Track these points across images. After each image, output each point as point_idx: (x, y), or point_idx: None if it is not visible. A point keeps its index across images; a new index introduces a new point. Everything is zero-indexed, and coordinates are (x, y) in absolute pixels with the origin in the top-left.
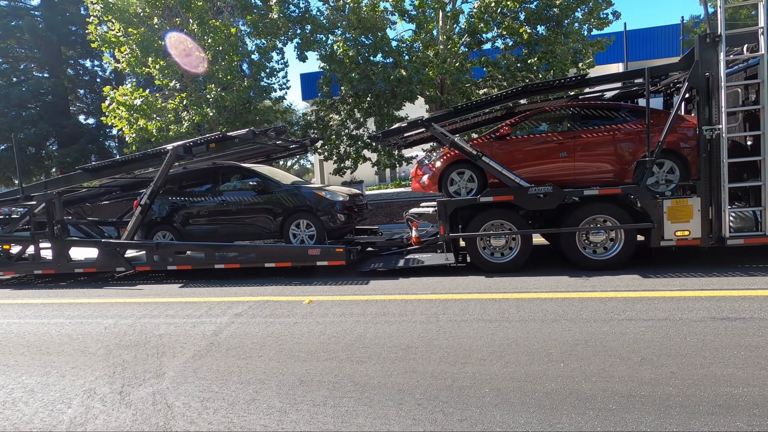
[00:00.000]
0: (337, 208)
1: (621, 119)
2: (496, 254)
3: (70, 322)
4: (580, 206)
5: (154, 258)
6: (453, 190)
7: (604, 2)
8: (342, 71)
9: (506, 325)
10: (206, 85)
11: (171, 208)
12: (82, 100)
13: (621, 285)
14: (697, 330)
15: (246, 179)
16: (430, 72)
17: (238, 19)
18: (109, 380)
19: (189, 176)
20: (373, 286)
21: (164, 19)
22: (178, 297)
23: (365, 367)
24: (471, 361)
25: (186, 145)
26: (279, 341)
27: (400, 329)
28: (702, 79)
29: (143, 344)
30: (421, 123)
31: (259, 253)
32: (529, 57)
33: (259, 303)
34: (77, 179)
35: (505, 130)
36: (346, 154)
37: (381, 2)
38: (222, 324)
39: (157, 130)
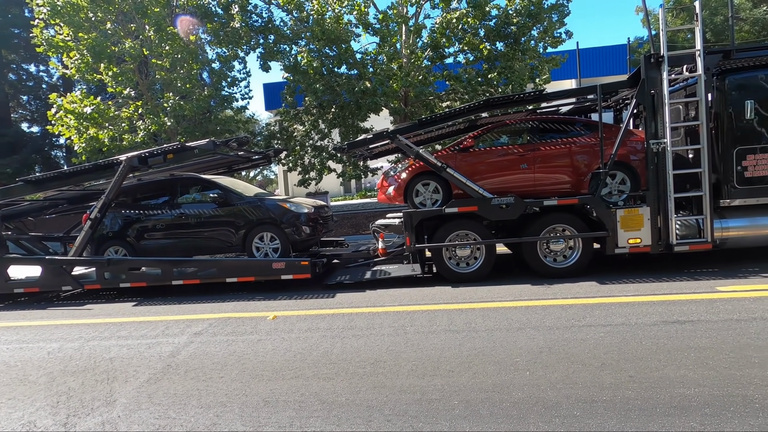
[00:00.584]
0: (302, 220)
1: (576, 133)
2: (462, 264)
3: (7, 348)
4: (541, 216)
5: (105, 275)
6: (418, 201)
7: (557, 22)
8: (306, 82)
9: (473, 336)
10: (163, 93)
11: (124, 222)
12: (25, 107)
13: (580, 292)
14: (651, 334)
15: (206, 191)
16: (394, 84)
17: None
18: (52, 411)
19: (145, 188)
20: (340, 299)
21: (118, 24)
22: (131, 316)
23: (332, 384)
24: (439, 373)
25: (141, 155)
26: (242, 360)
27: (367, 343)
28: (648, 96)
29: (92, 369)
30: (386, 135)
31: (220, 268)
32: (489, 72)
33: (220, 320)
34: (18, 192)
35: (469, 142)
36: (310, 165)
37: (345, 15)
38: (180, 344)
39: (110, 139)
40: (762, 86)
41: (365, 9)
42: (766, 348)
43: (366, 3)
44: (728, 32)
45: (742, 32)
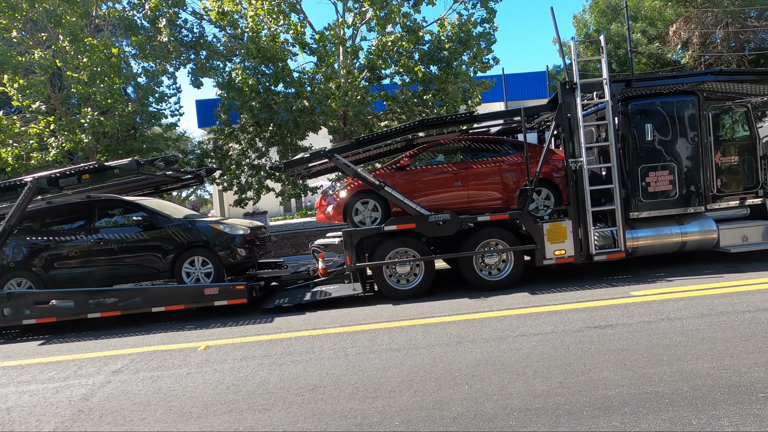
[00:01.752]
0: (237, 242)
1: (505, 152)
2: (402, 281)
3: None
4: (476, 231)
5: (5, 312)
6: (358, 219)
7: (485, 48)
8: (242, 99)
9: (414, 353)
10: (80, 108)
11: (29, 250)
12: None
13: (514, 303)
14: (576, 339)
15: (129, 214)
16: (332, 104)
17: (122, 39)
18: None
19: (55, 212)
20: (279, 323)
21: (26, 32)
22: (36, 357)
23: (269, 415)
24: (381, 394)
25: (51, 176)
26: (168, 398)
27: (307, 368)
28: (565, 119)
29: None
30: (324, 154)
31: (144, 297)
32: (425, 93)
33: (144, 354)
34: None
35: (405, 161)
36: (247, 184)
37: (281, 33)
38: (95, 385)
39: (15, 158)
40: (659, 111)
41: (301, 29)
42: (672, 346)
43: (302, 23)
44: (629, 63)
45: (641, 64)
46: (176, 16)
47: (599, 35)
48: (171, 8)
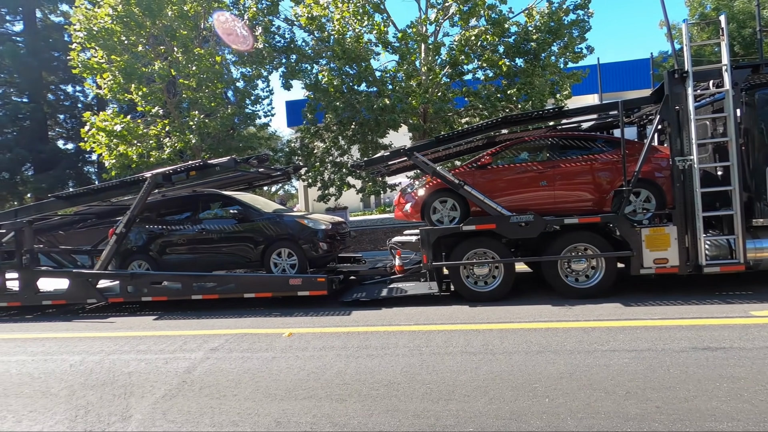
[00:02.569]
0: (319, 236)
1: (598, 149)
2: (480, 283)
3: (32, 360)
4: (562, 234)
5: (129, 289)
6: (436, 218)
7: (578, 37)
8: (326, 100)
9: (490, 358)
10: (189, 111)
11: (148, 237)
12: (62, 125)
13: (603, 314)
14: (679, 361)
15: (226, 207)
16: (413, 101)
17: (224, 47)
18: (69, 425)
19: (168, 204)
20: (356, 316)
21: (149, 46)
22: (151, 330)
23: (345, 405)
24: (455, 397)
25: (166, 172)
26: (256, 378)
27: (382, 363)
28: (673, 112)
29: (110, 383)
30: (403, 152)
31: (238, 283)
32: (509, 88)
33: (236, 336)
34: (50, 207)
35: (487, 159)
36: (330, 181)
37: (365, 34)
38: (196, 360)
39: (138, 156)
40: None
41: (384, 28)
42: None
43: (385, 22)
44: (757, 45)
45: None
46: (270, 23)
47: (718, 14)
48: (266, 17)
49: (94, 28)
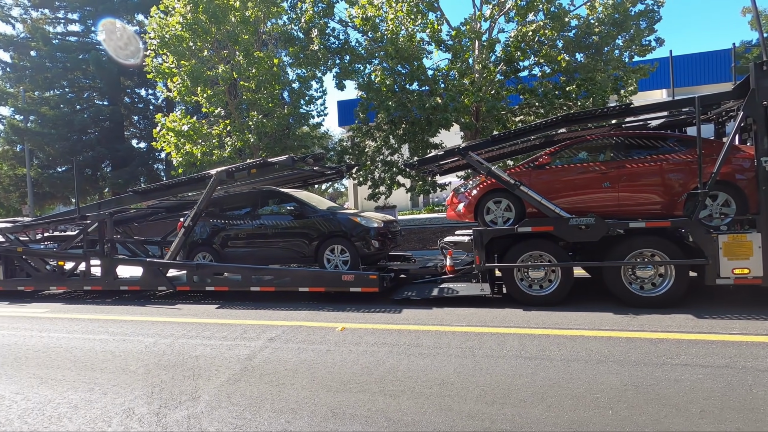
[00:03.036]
0: (372, 234)
1: (668, 149)
2: (535, 286)
3: (113, 339)
4: (626, 239)
5: (194, 278)
6: (489, 219)
7: (646, 29)
8: (379, 99)
9: (547, 364)
10: (248, 112)
11: (212, 231)
12: (136, 125)
13: (673, 325)
14: (764, 381)
15: (283, 204)
16: (465, 100)
17: (281, 50)
18: (147, 400)
19: (230, 200)
20: (406, 315)
21: (213, 51)
22: (214, 318)
23: (398, 401)
24: (510, 401)
25: (229, 170)
26: (311, 369)
27: (434, 363)
28: (759, 108)
29: (180, 365)
30: (457, 151)
31: (294, 277)
32: (568, 84)
33: (292, 328)
34: (127, 201)
35: (545, 159)
36: (380, 179)
37: (418, 33)
38: (256, 348)
39: (202, 154)
40: None
41: (438, 26)
42: None
43: (439, 21)
44: None
45: None
46: (325, 25)
47: None
48: (322, 19)
49: (166, 35)
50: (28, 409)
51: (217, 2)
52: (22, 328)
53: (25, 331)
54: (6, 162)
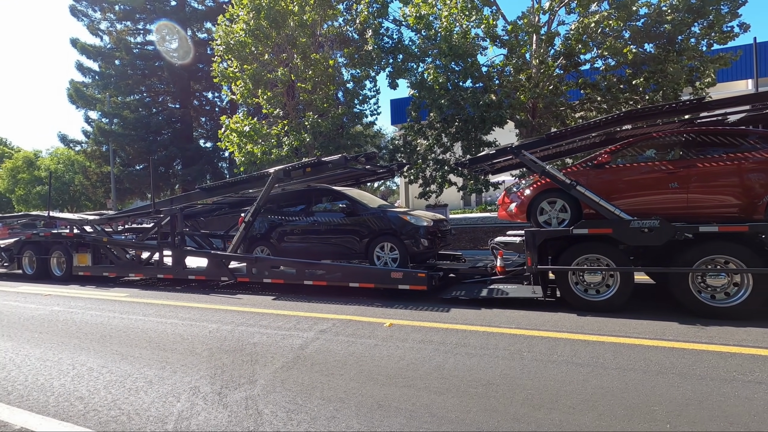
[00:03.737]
0: (421, 233)
1: (749, 146)
2: (591, 291)
3: (182, 323)
4: (695, 244)
5: (253, 270)
6: (543, 219)
7: (727, 14)
8: (431, 98)
9: (600, 372)
10: (305, 112)
11: (269, 226)
12: (203, 126)
13: (748, 339)
14: None
15: (336, 201)
16: (521, 96)
17: (336, 51)
18: (210, 380)
19: (286, 197)
20: (454, 314)
21: (273, 55)
22: (271, 309)
23: (443, 398)
24: (558, 407)
25: (285, 168)
26: (360, 362)
27: (480, 363)
28: None
29: (240, 350)
30: (509, 150)
31: (344, 273)
32: (634, 77)
33: (342, 321)
34: (196, 197)
35: (605, 158)
36: (431, 178)
37: (472, 29)
38: (308, 339)
39: (262, 153)
40: None
41: (494, 22)
42: None
43: (494, 16)
44: None
45: None
46: (380, 25)
47: None
48: (376, 19)
49: (231, 41)
50: (112, 381)
51: (277, 8)
52: (106, 309)
53: (109, 312)
54: (93, 161)
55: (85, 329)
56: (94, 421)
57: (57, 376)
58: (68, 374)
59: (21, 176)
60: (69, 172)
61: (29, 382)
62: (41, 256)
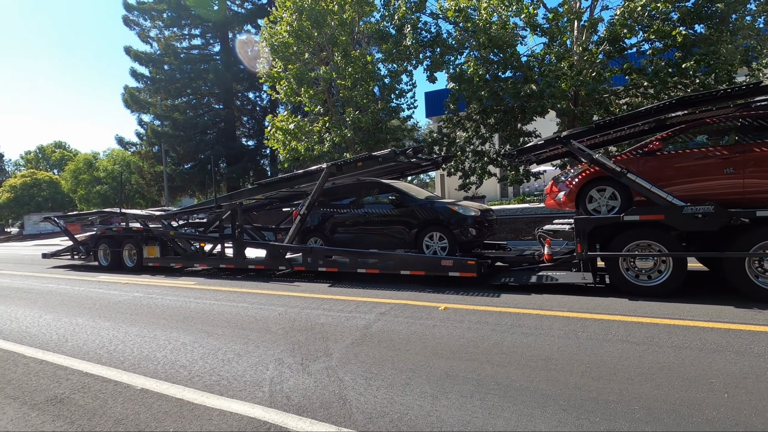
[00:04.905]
0: (469, 222)
1: None
2: (642, 276)
3: (252, 307)
4: (752, 229)
5: (308, 260)
6: (592, 207)
7: None
8: (471, 89)
9: (656, 350)
10: (344, 108)
11: (321, 218)
12: (245, 125)
13: None
14: None
15: (386, 194)
16: (562, 84)
17: (374, 47)
18: (291, 354)
19: (338, 190)
20: (505, 299)
21: (313, 54)
22: (329, 294)
23: (505, 370)
24: (616, 378)
25: (338, 163)
26: (422, 339)
27: (537, 341)
28: None
29: (310, 329)
30: (558, 140)
31: (396, 261)
32: (684, 60)
33: (399, 305)
34: (253, 192)
35: (656, 144)
36: (470, 169)
37: (512, 18)
38: (370, 320)
39: (305, 150)
40: None
41: (534, 11)
42: None
43: (535, 4)
44: None
45: None
46: (418, 20)
47: None
48: (414, 14)
49: (275, 43)
50: (205, 354)
51: (318, 8)
52: (181, 295)
53: (184, 297)
54: (147, 161)
55: (168, 312)
56: (200, 385)
57: (157, 349)
58: (166, 348)
59: (82, 177)
60: (124, 172)
61: (136, 354)
62: (114, 249)
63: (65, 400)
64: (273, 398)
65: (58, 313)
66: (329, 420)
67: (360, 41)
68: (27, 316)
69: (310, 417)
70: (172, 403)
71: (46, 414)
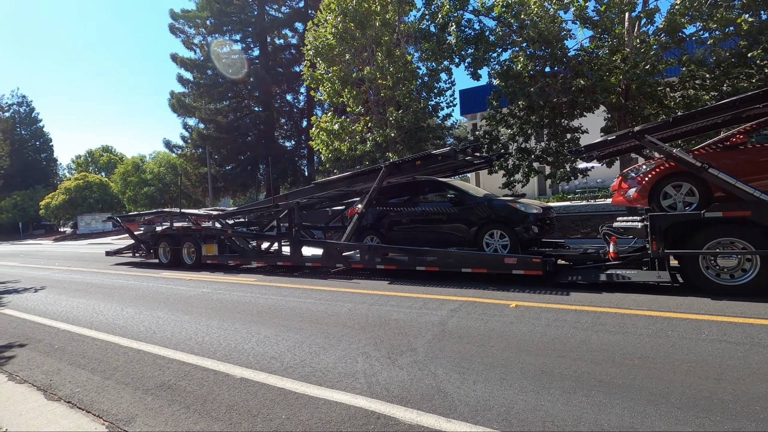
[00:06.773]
0: (531, 219)
1: None
2: (724, 275)
3: (319, 303)
4: None
5: (366, 257)
6: (667, 204)
7: None
8: (519, 86)
9: (760, 350)
10: (386, 108)
11: (379, 216)
12: (283, 127)
13: None
14: None
15: (443, 192)
16: (613, 78)
17: (410, 46)
18: (375, 348)
19: (394, 189)
20: (576, 297)
21: (355, 55)
22: (391, 291)
23: (601, 368)
24: (725, 378)
25: (396, 162)
26: (503, 336)
27: (625, 339)
28: None
29: (385, 325)
30: (632, 135)
31: (456, 259)
32: (750, 49)
33: (467, 303)
34: (310, 191)
35: (739, 138)
36: (515, 167)
37: (561, 12)
38: (443, 316)
39: (347, 149)
40: None
41: (585, 3)
42: None
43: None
44: None
45: None
46: (461, 18)
47: None
48: (457, 11)
49: (319, 45)
50: (291, 346)
51: (362, 10)
52: (246, 291)
53: (250, 293)
54: (191, 163)
55: (240, 307)
56: (296, 375)
57: (243, 341)
58: (251, 340)
59: (130, 179)
60: (169, 173)
61: (224, 345)
62: (174, 247)
63: (174, 387)
64: (372, 389)
65: (137, 307)
66: (435, 411)
67: (399, 41)
68: (109, 309)
69: (416, 408)
70: (275, 392)
71: (160, 399)
